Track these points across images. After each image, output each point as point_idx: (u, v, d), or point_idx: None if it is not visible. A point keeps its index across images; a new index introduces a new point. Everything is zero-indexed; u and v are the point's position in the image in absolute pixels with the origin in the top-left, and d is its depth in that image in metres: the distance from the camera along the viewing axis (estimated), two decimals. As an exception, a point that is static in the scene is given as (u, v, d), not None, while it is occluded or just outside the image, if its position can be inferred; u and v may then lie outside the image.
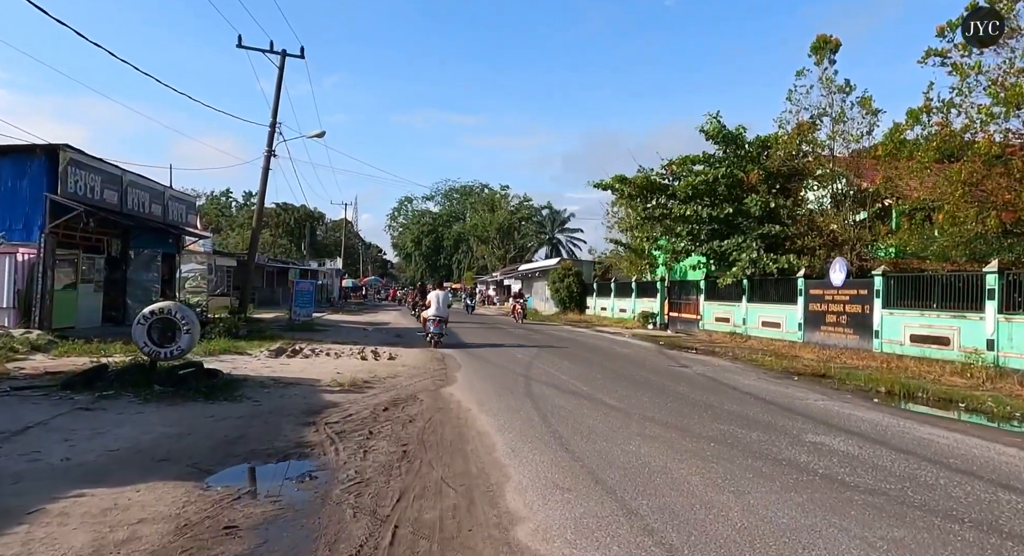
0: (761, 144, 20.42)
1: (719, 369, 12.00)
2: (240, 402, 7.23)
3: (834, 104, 18.49)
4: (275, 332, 16.29)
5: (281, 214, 76.23)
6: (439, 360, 12.15)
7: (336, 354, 12.21)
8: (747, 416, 7.19)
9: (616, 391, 8.84)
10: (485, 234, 73.43)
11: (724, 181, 20.14)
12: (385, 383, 9.00)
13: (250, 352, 11.55)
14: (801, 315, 17.34)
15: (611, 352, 14.93)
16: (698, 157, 20.82)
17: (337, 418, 6.65)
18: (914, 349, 13.35)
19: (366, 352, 12.70)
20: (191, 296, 20.06)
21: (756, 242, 19.26)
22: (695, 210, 20.19)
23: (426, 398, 8.01)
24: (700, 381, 10.23)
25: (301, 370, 9.70)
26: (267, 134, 20.57)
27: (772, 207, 18.85)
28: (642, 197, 22.83)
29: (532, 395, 8.32)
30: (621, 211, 34.81)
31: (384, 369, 10.40)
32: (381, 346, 14.57)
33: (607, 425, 6.52)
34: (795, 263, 17.82)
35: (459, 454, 5.36)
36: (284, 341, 13.85)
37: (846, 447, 5.76)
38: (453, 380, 9.64)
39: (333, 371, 9.73)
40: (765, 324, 19.04)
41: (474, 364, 11.68)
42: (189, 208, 19.70)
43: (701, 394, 8.79)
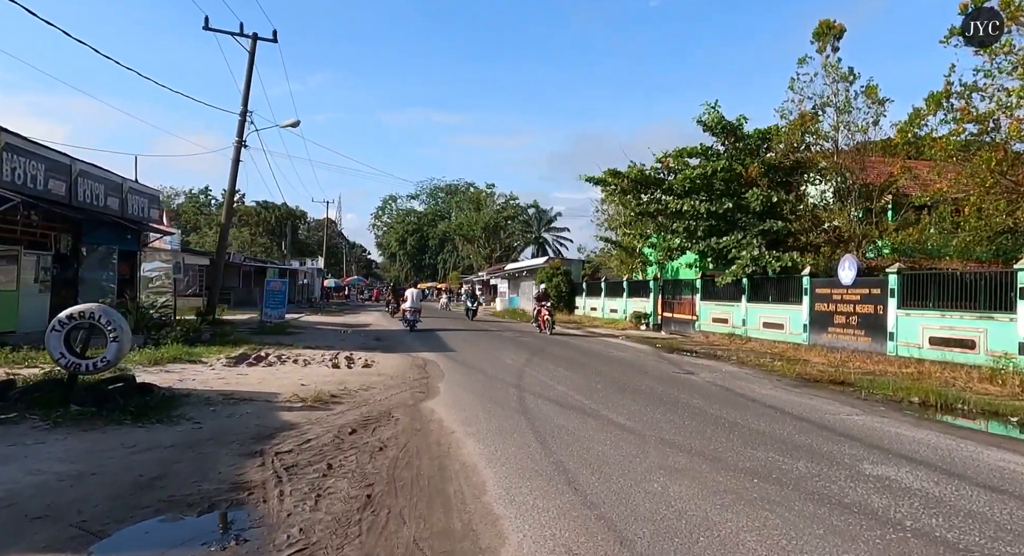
0: (761, 136, 19.45)
1: (728, 376, 10.93)
2: (176, 425, 5.99)
3: (839, 93, 17.58)
4: (242, 336, 14.96)
5: (262, 212, 74.40)
6: (420, 368, 10.95)
7: (305, 361, 10.95)
8: (782, 438, 6.09)
9: (622, 405, 7.71)
10: (471, 233, 72.17)
11: (722, 175, 19.16)
12: (356, 397, 7.79)
13: (205, 360, 10.25)
14: (806, 316, 16.36)
15: (607, 356, 13.82)
16: (695, 149, 19.80)
17: (291, 445, 5.44)
18: (934, 353, 12.40)
19: (339, 359, 11.46)
20: (155, 296, 18.63)
21: (757, 239, 18.27)
22: (692, 205, 19.17)
23: (403, 416, 6.82)
24: (713, 391, 9.13)
25: (260, 382, 8.45)
26: (237, 123, 19.23)
27: (774, 202, 17.88)
28: (636, 192, 21.81)
29: (527, 411, 7.16)
30: (611, 208, 33.89)
31: (357, 379, 9.17)
32: (358, 351, 13.33)
33: (620, 452, 5.38)
34: (799, 261, 16.84)
35: (439, 499, 4.18)
36: (249, 346, 12.56)
37: (919, 483, 4.67)
38: (435, 392, 8.46)
39: (297, 383, 8.50)
40: (767, 325, 18.05)
41: (459, 372, 10.50)
42: (152, 202, 18.26)
43: (719, 408, 7.69)
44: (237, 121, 19.19)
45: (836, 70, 17.18)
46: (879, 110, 17.11)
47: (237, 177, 19.27)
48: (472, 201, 76.72)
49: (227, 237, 20.40)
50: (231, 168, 19.22)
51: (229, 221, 19.66)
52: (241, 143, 19.22)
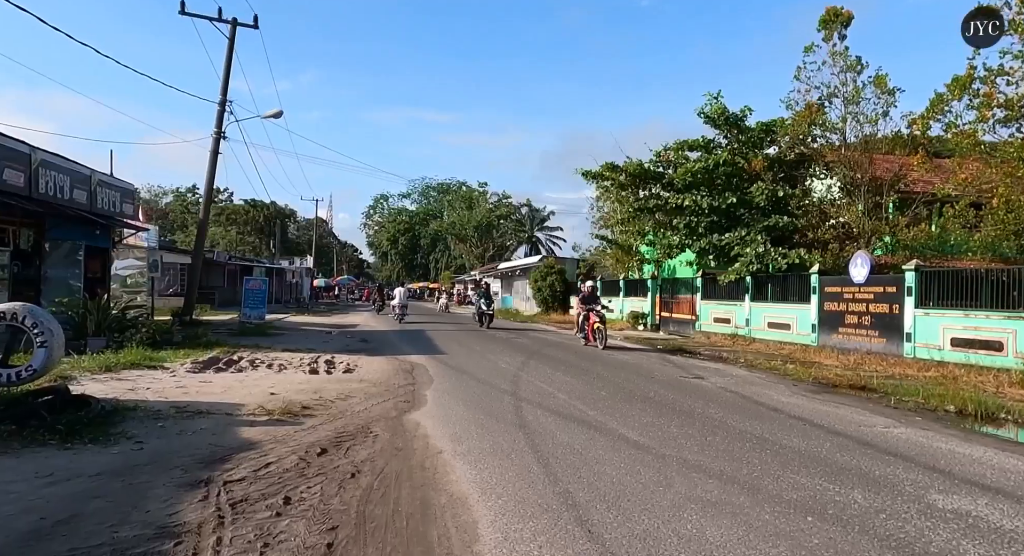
0: (765, 129, 18.66)
1: (740, 381, 10.10)
2: (112, 446, 5.07)
3: (846, 84, 16.83)
4: (218, 338, 14.00)
5: (250, 211, 73.16)
6: (407, 373, 10.05)
7: (281, 366, 10.03)
8: (822, 457, 5.25)
9: (632, 416, 6.85)
10: (463, 232, 71.28)
11: (724, 169, 18.37)
12: (332, 408, 6.88)
13: (168, 365, 9.30)
14: (815, 315, 15.58)
15: (608, 359, 12.97)
16: (696, 142, 18.99)
17: (246, 472, 4.54)
18: (956, 354, 11.62)
19: (319, 363, 10.55)
20: (130, 296, 17.61)
21: (761, 235, 17.48)
22: (693, 200, 18.35)
23: (383, 432, 5.93)
24: (728, 399, 8.29)
25: (224, 391, 7.53)
26: (216, 113, 18.25)
27: (780, 196, 17.09)
28: (634, 187, 20.99)
29: (525, 425, 6.29)
30: (607, 206, 33.08)
31: (336, 387, 8.26)
32: (340, 354, 12.42)
33: (639, 480, 4.52)
34: (807, 258, 16.07)
35: (419, 548, 3.30)
36: (223, 349, 11.62)
37: (1011, 521, 3.83)
38: (421, 401, 7.57)
39: (266, 392, 7.58)
40: (772, 325, 17.26)
41: (449, 378, 9.61)
42: (125, 196, 17.23)
43: (740, 419, 6.85)
44: (216, 111, 18.21)
45: (845, 58, 16.43)
46: (889, 100, 16.38)
47: (216, 171, 18.28)
48: (464, 200, 75.76)
49: (205, 233, 19.40)
50: (209, 160, 18.23)
51: (207, 217, 18.68)
52: (220, 134, 18.24)
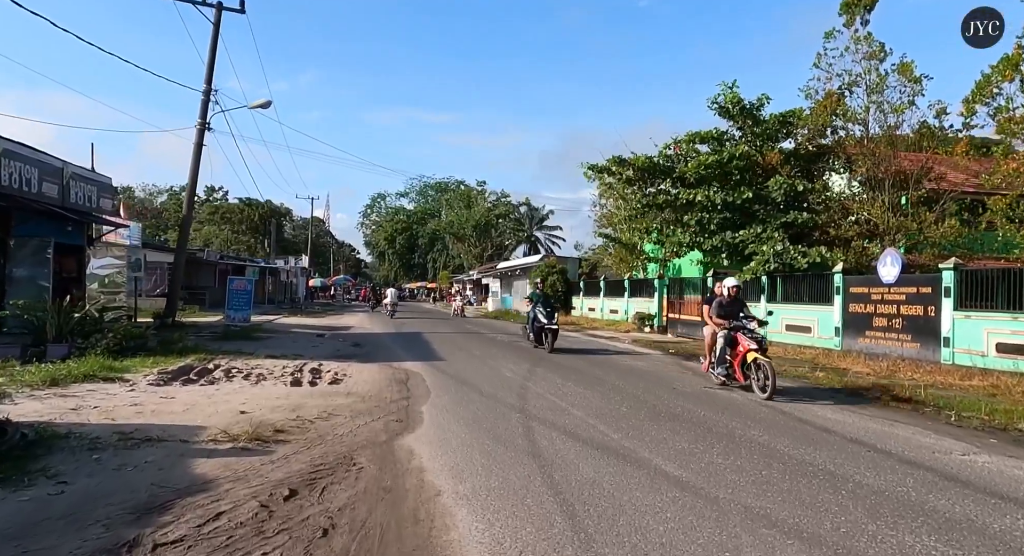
0: (781, 120, 17.67)
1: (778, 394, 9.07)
2: (26, 488, 4.04)
3: (869, 72, 15.83)
4: (197, 342, 12.96)
5: (245, 210, 71.98)
6: (401, 383, 9.01)
7: (260, 376, 8.98)
8: (915, 503, 4.22)
9: (664, 441, 5.83)
10: (461, 231, 70.22)
11: (738, 163, 17.38)
12: (311, 431, 5.85)
13: (130, 376, 8.24)
14: (839, 317, 14.57)
15: (621, 366, 11.95)
16: (709, 134, 17.98)
17: (186, 529, 3.51)
18: (1003, 362, 10.62)
19: (303, 372, 9.51)
20: (106, 296, 16.55)
21: (778, 232, 16.49)
22: (706, 195, 17.36)
23: (369, 463, 4.90)
24: (766, 416, 7.27)
25: (186, 409, 6.47)
26: (200, 103, 17.18)
27: (799, 191, 16.07)
28: (641, 182, 19.99)
29: (539, 454, 5.26)
30: (610, 203, 32.08)
31: (319, 402, 7.22)
32: (329, 361, 11.38)
33: (696, 541, 3.49)
34: (829, 256, 15.08)
35: None
36: (198, 356, 10.56)
37: None
38: (416, 420, 6.54)
39: (237, 410, 6.54)
40: (791, 328, 16.25)
41: (448, 390, 8.58)
42: (103, 190, 16.16)
43: (790, 444, 5.83)
44: (200, 100, 17.15)
45: (870, 43, 15.42)
46: (915, 89, 15.39)
47: (200, 163, 17.21)
48: (463, 199, 74.66)
49: (189, 230, 18.34)
50: (193, 153, 17.17)
51: (191, 212, 17.62)
52: (204, 125, 17.17)
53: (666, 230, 19.67)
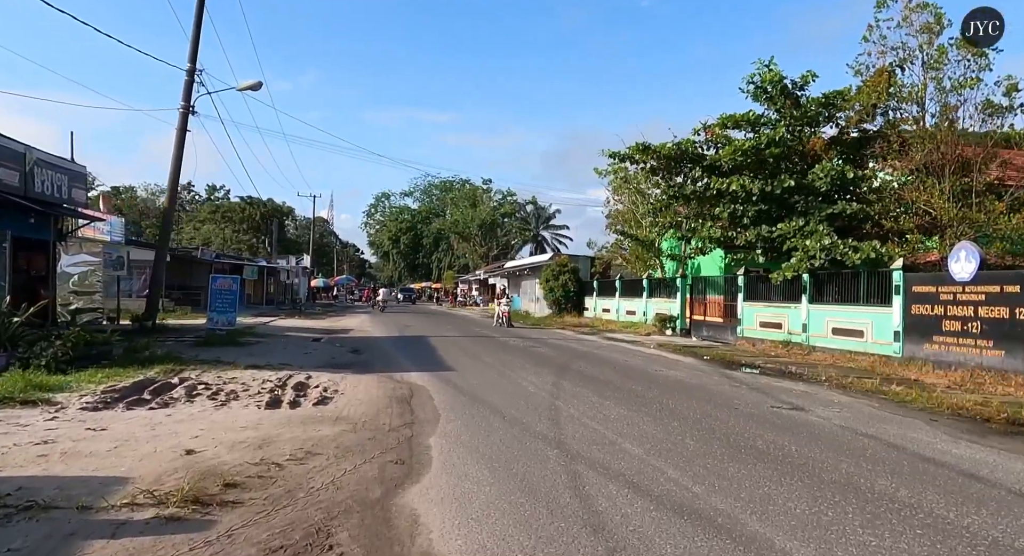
0: (823, 102, 15.93)
1: (854, 413, 7.42)
2: None
3: (929, 44, 14.14)
4: (171, 349, 11.36)
5: (246, 208, 70.50)
6: (403, 402, 7.38)
7: (232, 394, 7.36)
8: None
9: (771, 499, 4.17)
10: (467, 231, 68.66)
11: (775, 150, 15.70)
12: (276, 483, 4.22)
13: (60, 397, 6.58)
14: (899, 320, 12.87)
15: (660, 378, 10.29)
16: (745, 116, 16.23)
17: None
18: (1119, 374, 8.95)
19: (286, 388, 7.89)
20: (78, 298, 15.00)
21: (823, 225, 14.79)
22: (741, 184, 15.66)
23: (351, 543, 3.27)
24: (875, 451, 5.60)
25: (113, 448, 4.84)
26: (183, 84, 15.62)
27: (850, 178, 14.34)
28: (667, 171, 18.31)
29: (601, 524, 3.62)
30: (625, 198, 30.42)
31: (296, 434, 5.60)
32: (321, 371, 9.77)
33: None
34: (888, 251, 13.38)
35: None
36: (164, 367, 8.94)
37: None
38: (422, 461, 4.91)
39: (183, 447, 4.91)
40: (838, 332, 14.55)
41: (460, 411, 6.94)
42: (75, 180, 14.61)
43: (940, 500, 4.17)
44: (183, 82, 15.58)
45: (928, 8, 13.70)
46: (981, 64, 13.70)
47: (183, 150, 15.65)
48: (468, 198, 73.06)
49: (171, 224, 16.79)
50: (176, 138, 15.60)
51: (173, 205, 16.06)
52: (188, 108, 15.60)
53: (694, 224, 17.98)
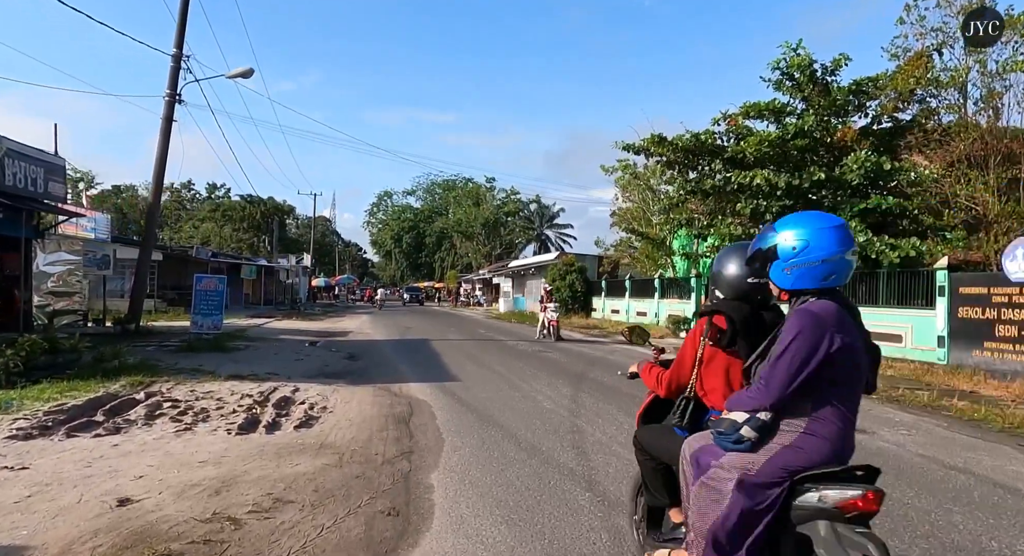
0: (854, 89, 14.83)
1: (928, 438, 6.37)
2: None
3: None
4: (147, 357, 10.35)
5: (247, 207, 69.54)
6: (400, 422, 6.35)
7: (201, 413, 6.33)
8: None
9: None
10: (470, 230, 67.68)
11: (800, 142, 14.64)
12: (229, 552, 3.19)
13: (-8, 421, 5.61)
14: (943, 324, 11.79)
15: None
16: (770, 105, 15.12)
17: None
18: None
19: (267, 405, 6.85)
20: (57, 299, 13.99)
21: (855, 221, 13.71)
22: (766, 177, 14.58)
23: None
24: (980, 493, 4.55)
25: (25, 498, 3.77)
26: (169, 70, 14.61)
27: (887, 170, 13.25)
28: (683, 165, 17.22)
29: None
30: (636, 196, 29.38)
31: (267, 471, 4.57)
32: (310, 382, 8.75)
33: None
34: (929, 249, 12.31)
35: None
36: (132, 379, 7.92)
37: None
38: (423, 510, 3.88)
39: (117, 495, 3.88)
40: (873, 336, 13.46)
41: (468, 435, 5.90)
42: (53, 173, 13.60)
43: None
44: (169, 68, 14.58)
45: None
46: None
47: (169, 141, 14.65)
48: (471, 196, 72.02)
49: (156, 220, 15.80)
50: (161, 128, 14.59)
51: (158, 200, 15.07)
52: (174, 96, 14.60)
53: (712, 221, 16.88)
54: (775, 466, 2.03)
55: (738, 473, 2.06)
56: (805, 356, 1.97)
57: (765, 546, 2.03)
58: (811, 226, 2.11)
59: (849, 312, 2.15)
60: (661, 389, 2.79)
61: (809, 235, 2.09)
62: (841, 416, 2.06)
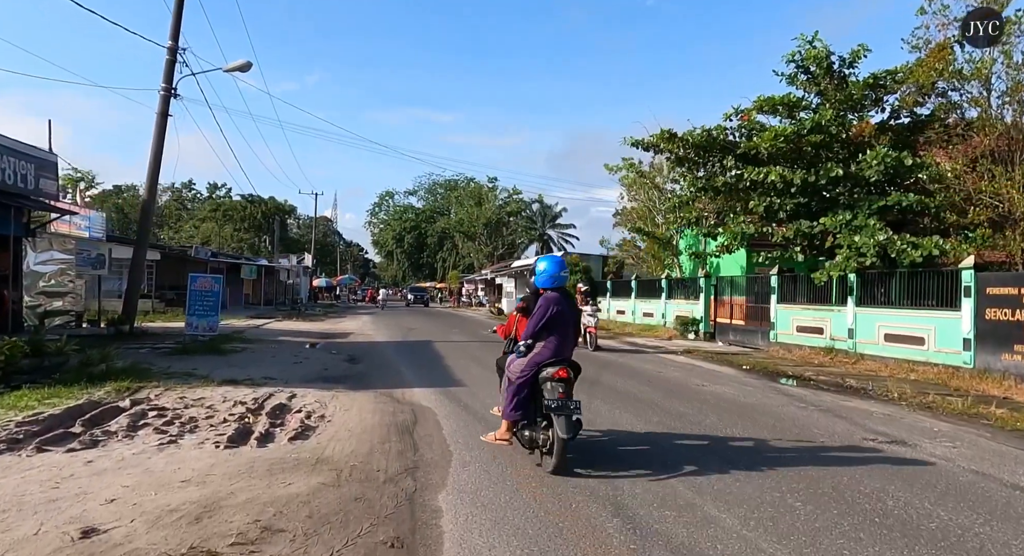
0: (871, 83, 14.33)
1: (975, 451, 5.88)
2: None
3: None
4: (138, 360, 9.89)
5: (248, 207, 69.15)
6: (403, 433, 5.88)
7: (189, 423, 5.86)
8: None
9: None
10: (472, 229, 67.20)
11: (815, 138, 14.17)
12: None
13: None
14: (969, 326, 11.29)
15: (706, 397, 8.76)
16: (785, 99, 14.64)
17: None
18: None
19: (260, 414, 6.39)
20: (49, 299, 13.56)
21: (874, 219, 13.23)
22: (781, 174, 14.11)
23: None
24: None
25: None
26: (164, 63, 14.17)
27: (909, 165, 12.75)
28: (693, 162, 16.75)
29: None
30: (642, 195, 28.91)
31: (256, 492, 4.10)
32: (308, 387, 8.28)
33: None
34: (954, 248, 11.82)
35: None
36: (119, 385, 7.45)
37: None
38: (429, 542, 3.41)
39: (83, 522, 3.41)
40: (892, 338, 12.98)
41: (477, 449, 5.41)
42: (43, 168, 13.15)
43: None
44: (165, 61, 14.13)
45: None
46: (1057, 37, 12.14)
47: (164, 137, 14.19)
48: (473, 196, 71.50)
49: (150, 218, 15.33)
50: (156, 124, 14.14)
51: (153, 197, 14.64)
52: (170, 90, 14.15)
53: (724, 219, 16.42)
54: (533, 361, 4.83)
55: (520, 364, 4.89)
56: (541, 315, 4.81)
57: (528, 391, 4.86)
58: (548, 261, 5.06)
59: (565, 297, 4.96)
60: (502, 334, 5.89)
61: (547, 264, 5.03)
62: (557, 341, 4.82)
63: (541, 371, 4.76)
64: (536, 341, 4.86)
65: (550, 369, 4.72)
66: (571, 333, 4.95)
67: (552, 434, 4.56)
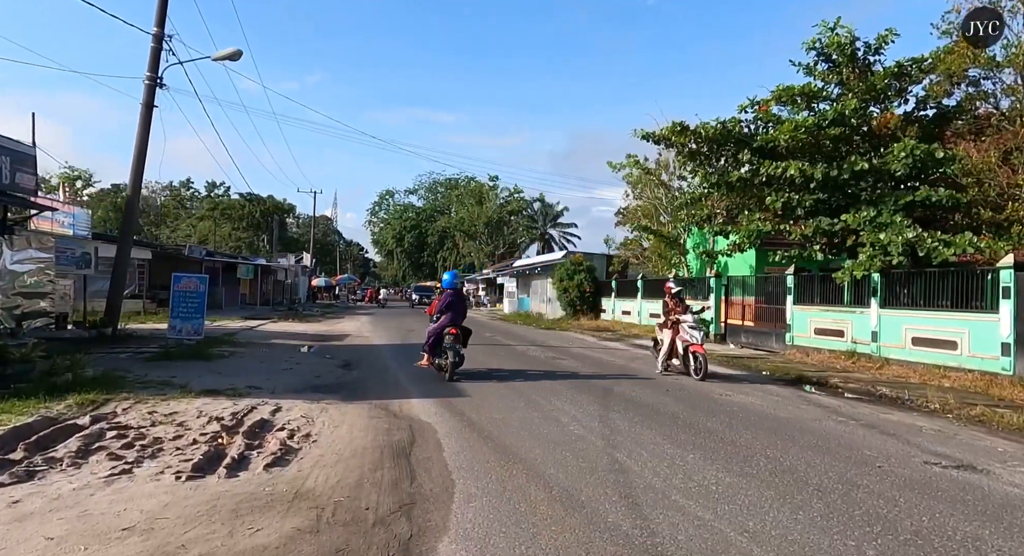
0: (896, 73, 13.56)
1: (1053, 474, 5.13)
2: None
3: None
4: (115, 366, 9.13)
5: (246, 205, 68.40)
6: (399, 457, 5.12)
7: (154, 445, 5.11)
8: None
9: None
10: (472, 229, 66.49)
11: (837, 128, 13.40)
12: None
13: None
14: (1008, 330, 10.52)
15: (732, 409, 7.99)
16: (805, 89, 13.85)
17: None
18: None
19: (237, 433, 5.62)
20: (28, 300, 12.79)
21: (900, 215, 12.47)
22: (800, 168, 13.34)
23: None
24: None
25: None
26: (149, 51, 13.40)
27: (939, 158, 11.97)
28: (705, 157, 15.96)
29: None
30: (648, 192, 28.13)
31: (211, 546, 3.34)
32: (295, 399, 7.52)
33: None
34: (989, 246, 11.05)
35: None
36: (82, 397, 6.67)
37: None
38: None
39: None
40: (920, 342, 12.22)
41: (484, 477, 4.66)
42: (20, 162, 12.38)
43: None
44: (150, 49, 13.37)
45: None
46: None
47: (150, 129, 13.43)
48: (474, 195, 70.78)
49: (135, 212, 14.61)
50: (141, 115, 13.38)
51: (137, 193, 13.87)
52: (156, 80, 13.39)
53: (737, 216, 15.64)
54: (440, 325, 9.80)
55: (433, 328, 9.94)
56: (443, 302, 10.14)
57: (434, 339, 9.80)
58: (449, 274, 10.84)
59: (456, 293, 10.36)
60: (430, 312, 10.65)
61: (448, 275, 10.79)
62: (452, 317, 9.83)
63: (444, 331, 9.61)
64: (441, 315, 9.85)
65: (447, 329, 9.62)
66: (461, 310, 10.02)
67: (447, 361, 9.43)
